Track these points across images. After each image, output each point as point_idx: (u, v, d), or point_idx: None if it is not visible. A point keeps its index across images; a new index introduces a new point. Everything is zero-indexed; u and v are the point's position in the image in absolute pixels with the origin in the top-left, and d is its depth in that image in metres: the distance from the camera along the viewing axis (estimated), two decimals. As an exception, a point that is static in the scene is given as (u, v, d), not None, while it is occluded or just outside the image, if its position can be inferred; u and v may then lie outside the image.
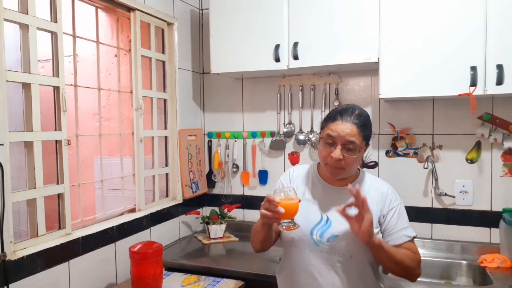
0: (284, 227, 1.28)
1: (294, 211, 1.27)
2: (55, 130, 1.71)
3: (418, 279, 2.08)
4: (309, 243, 1.42)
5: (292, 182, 1.56)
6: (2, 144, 1.44)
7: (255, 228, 1.54)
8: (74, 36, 1.91)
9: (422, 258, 2.13)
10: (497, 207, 2.14)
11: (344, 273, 1.40)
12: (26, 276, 1.51)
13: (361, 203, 1.26)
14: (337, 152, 1.35)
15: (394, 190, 1.49)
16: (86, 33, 2.06)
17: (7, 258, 1.44)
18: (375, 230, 1.39)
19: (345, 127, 1.36)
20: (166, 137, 2.45)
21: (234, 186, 2.72)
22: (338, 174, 1.41)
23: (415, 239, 1.48)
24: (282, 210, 1.23)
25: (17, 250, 1.50)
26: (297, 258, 1.46)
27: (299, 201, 1.29)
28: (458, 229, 2.22)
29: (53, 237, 1.67)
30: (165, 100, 2.44)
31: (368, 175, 1.52)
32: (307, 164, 1.63)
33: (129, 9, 2.12)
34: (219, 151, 2.72)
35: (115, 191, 2.26)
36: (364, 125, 1.40)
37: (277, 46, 2.18)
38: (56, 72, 1.71)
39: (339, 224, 1.40)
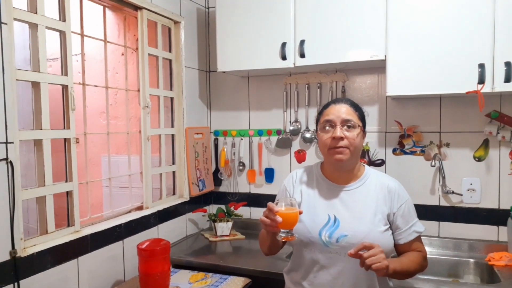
0: (281, 237, 1.29)
1: (292, 221, 1.28)
2: (64, 128, 1.73)
3: (426, 277, 2.11)
4: (318, 245, 1.41)
5: (295, 185, 1.55)
6: (12, 142, 1.45)
7: (262, 234, 1.54)
8: (82, 35, 1.93)
9: (429, 256, 2.14)
10: (505, 205, 2.13)
11: (355, 273, 1.38)
12: (36, 272, 1.53)
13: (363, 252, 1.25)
14: (338, 130, 1.38)
15: (401, 185, 1.49)
16: (93, 32, 2.07)
17: (17, 255, 1.45)
18: (384, 228, 1.40)
19: (340, 107, 1.42)
20: (173, 135, 2.47)
21: (241, 184, 2.73)
22: (343, 155, 1.38)
23: (422, 233, 1.49)
24: (279, 219, 1.24)
25: (27, 247, 1.52)
26: (307, 259, 1.45)
27: (300, 212, 1.30)
28: (465, 227, 2.21)
29: (62, 234, 1.69)
30: (172, 99, 2.45)
31: (374, 172, 1.52)
32: (310, 165, 1.61)
33: (136, 8, 2.13)
34: (225, 149, 2.72)
35: (123, 189, 2.28)
36: (356, 106, 1.46)
37: (283, 44, 2.18)
38: (64, 71, 1.72)
39: (347, 224, 1.39)
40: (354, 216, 1.40)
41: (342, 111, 1.41)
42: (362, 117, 1.45)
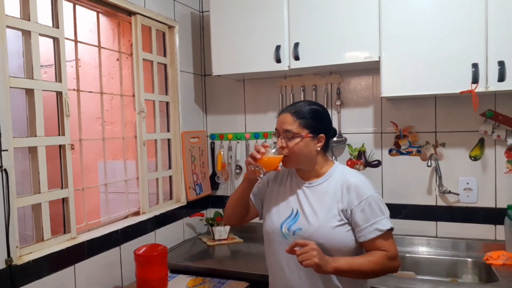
0: (258, 169, 1.44)
1: (271, 163, 1.43)
2: (59, 135, 1.72)
3: (424, 277, 2.10)
4: (278, 236, 1.49)
5: (276, 179, 1.62)
6: (7, 150, 1.45)
7: (234, 192, 1.62)
8: (76, 41, 1.93)
9: (427, 256, 2.16)
10: (502, 204, 2.13)
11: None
12: (32, 280, 1.52)
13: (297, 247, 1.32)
14: (279, 141, 1.47)
15: (366, 182, 1.46)
16: (87, 38, 2.07)
17: (13, 263, 1.45)
18: (337, 223, 1.41)
19: (282, 118, 1.48)
20: (169, 140, 2.46)
21: (238, 188, 2.72)
22: (287, 163, 1.48)
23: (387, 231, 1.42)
24: (260, 152, 1.41)
25: (23, 255, 1.51)
26: (271, 251, 1.54)
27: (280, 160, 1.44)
28: (463, 227, 2.21)
29: (58, 241, 1.68)
30: (167, 103, 2.45)
31: (342, 169, 1.51)
32: None
33: (130, 13, 2.13)
34: (222, 153, 2.72)
35: (119, 195, 2.27)
36: (300, 113, 1.46)
37: (277, 47, 2.18)
38: (58, 77, 1.72)
39: (304, 218, 1.45)
40: (311, 211, 1.46)
41: (283, 121, 1.47)
42: (308, 125, 1.44)
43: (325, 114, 1.52)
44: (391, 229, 1.41)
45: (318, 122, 1.46)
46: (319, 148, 1.47)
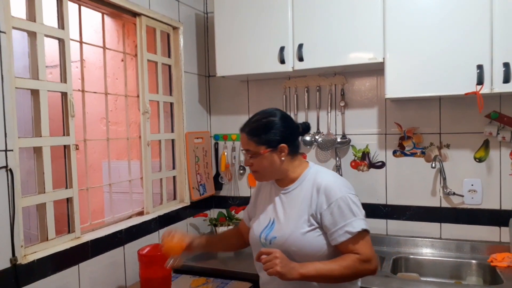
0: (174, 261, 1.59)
1: (170, 250, 1.56)
2: (63, 135, 1.73)
3: (428, 279, 2.10)
4: (258, 245, 1.49)
5: (260, 188, 1.64)
6: (12, 150, 1.46)
7: None
8: (81, 42, 1.94)
9: (431, 258, 2.16)
10: (507, 206, 2.12)
11: None
12: (36, 279, 1.53)
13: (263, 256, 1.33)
14: (244, 160, 1.51)
15: (338, 182, 1.41)
16: (92, 39, 2.08)
17: (18, 262, 1.46)
18: (308, 229, 1.38)
19: (241, 138, 1.49)
20: (173, 140, 2.47)
21: (241, 188, 2.73)
22: (256, 177, 1.51)
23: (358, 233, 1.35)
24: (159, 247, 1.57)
25: (27, 254, 1.52)
26: (254, 260, 1.51)
27: (182, 246, 1.56)
28: (467, 229, 2.20)
29: (62, 240, 1.69)
30: (171, 104, 2.45)
31: (315, 171, 1.48)
32: None
33: (135, 14, 2.14)
34: (225, 153, 2.73)
35: (123, 195, 2.28)
36: (252, 131, 1.44)
37: (282, 48, 2.19)
38: (63, 78, 1.73)
39: (279, 226, 1.45)
40: (284, 218, 1.45)
41: (242, 141, 1.48)
42: (264, 141, 1.42)
43: (281, 123, 1.45)
44: (365, 231, 1.35)
45: (273, 134, 1.42)
46: (283, 158, 1.44)
